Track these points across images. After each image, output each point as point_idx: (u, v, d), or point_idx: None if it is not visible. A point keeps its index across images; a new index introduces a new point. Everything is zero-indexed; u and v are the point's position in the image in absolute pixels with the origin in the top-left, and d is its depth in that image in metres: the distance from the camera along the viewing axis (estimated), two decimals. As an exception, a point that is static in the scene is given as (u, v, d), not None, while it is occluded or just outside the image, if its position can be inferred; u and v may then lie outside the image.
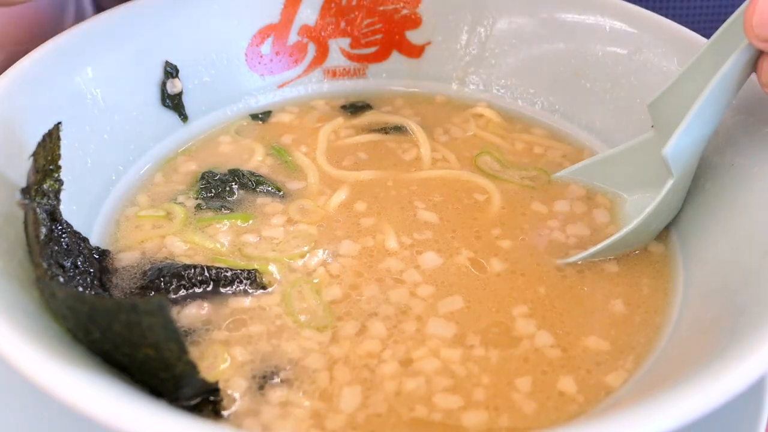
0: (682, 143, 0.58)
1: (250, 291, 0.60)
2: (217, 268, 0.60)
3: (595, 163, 0.72)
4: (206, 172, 0.72)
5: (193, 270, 0.60)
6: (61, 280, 0.52)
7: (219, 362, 0.54)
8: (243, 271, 0.61)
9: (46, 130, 0.55)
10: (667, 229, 0.65)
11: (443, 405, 0.52)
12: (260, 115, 0.81)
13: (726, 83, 0.56)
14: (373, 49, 0.85)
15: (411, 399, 0.52)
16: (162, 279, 0.59)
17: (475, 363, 0.55)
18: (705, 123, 0.58)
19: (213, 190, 0.70)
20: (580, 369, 0.55)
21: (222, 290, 0.60)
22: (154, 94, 0.74)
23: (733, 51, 0.55)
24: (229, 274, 0.60)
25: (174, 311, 0.58)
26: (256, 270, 0.61)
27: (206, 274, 0.60)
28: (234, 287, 0.60)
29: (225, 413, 0.51)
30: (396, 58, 0.85)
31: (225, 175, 0.71)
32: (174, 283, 0.59)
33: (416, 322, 0.58)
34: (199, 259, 0.62)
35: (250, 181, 0.71)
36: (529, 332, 0.57)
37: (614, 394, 0.53)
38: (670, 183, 0.60)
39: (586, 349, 0.56)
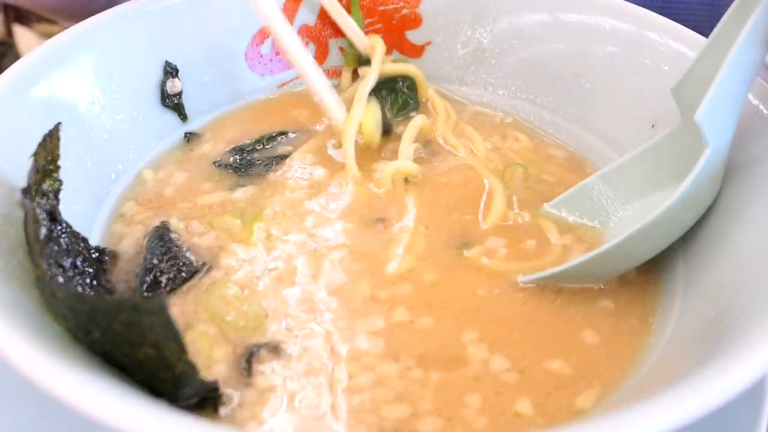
0: (715, 106, 0.54)
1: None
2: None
3: (587, 185, 0.68)
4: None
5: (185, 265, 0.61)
6: (61, 280, 0.52)
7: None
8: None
9: (46, 130, 0.56)
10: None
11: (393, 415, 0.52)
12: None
13: (755, 35, 0.53)
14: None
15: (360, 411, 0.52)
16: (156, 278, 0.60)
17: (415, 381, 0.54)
18: (737, 84, 0.55)
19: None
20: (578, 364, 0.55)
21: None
22: (154, 94, 0.74)
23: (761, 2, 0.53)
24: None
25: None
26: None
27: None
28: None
29: (223, 412, 0.51)
30: (396, 58, 0.85)
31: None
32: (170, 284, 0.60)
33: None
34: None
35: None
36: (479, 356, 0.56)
37: (630, 378, 0.53)
38: (705, 154, 0.55)
39: (583, 343, 0.57)
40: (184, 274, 0.60)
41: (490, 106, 0.83)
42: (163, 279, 0.60)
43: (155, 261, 0.61)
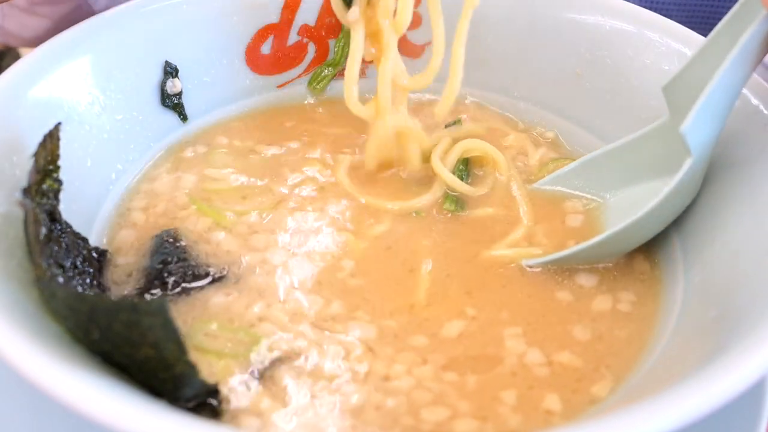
0: (700, 120, 0.56)
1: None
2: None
3: (581, 165, 0.71)
4: None
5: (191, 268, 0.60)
6: (61, 280, 0.52)
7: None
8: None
9: (46, 130, 0.56)
10: (666, 229, 0.65)
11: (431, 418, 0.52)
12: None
13: (744, 56, 0.55)
14: (372, 49, 0.84)
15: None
16: (161, 279, 0.60)
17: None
18: (723, 99, 0.57)
19: None
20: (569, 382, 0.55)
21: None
22: (154, 94, 0.74)
23: (751, 24, 0.54)
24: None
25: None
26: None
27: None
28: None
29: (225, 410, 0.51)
30: (396, 58, 0.85)
31: None
32: (172, 283, 0.60)
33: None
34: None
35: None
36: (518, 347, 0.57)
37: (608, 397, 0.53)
38: (688, 162, 0.58)
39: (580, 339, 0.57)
40: (190, 278, 0.60)
41: (490, 107, 0.82)
42: (170, 281, 0.60)
43: (163, 262, 0.61)
